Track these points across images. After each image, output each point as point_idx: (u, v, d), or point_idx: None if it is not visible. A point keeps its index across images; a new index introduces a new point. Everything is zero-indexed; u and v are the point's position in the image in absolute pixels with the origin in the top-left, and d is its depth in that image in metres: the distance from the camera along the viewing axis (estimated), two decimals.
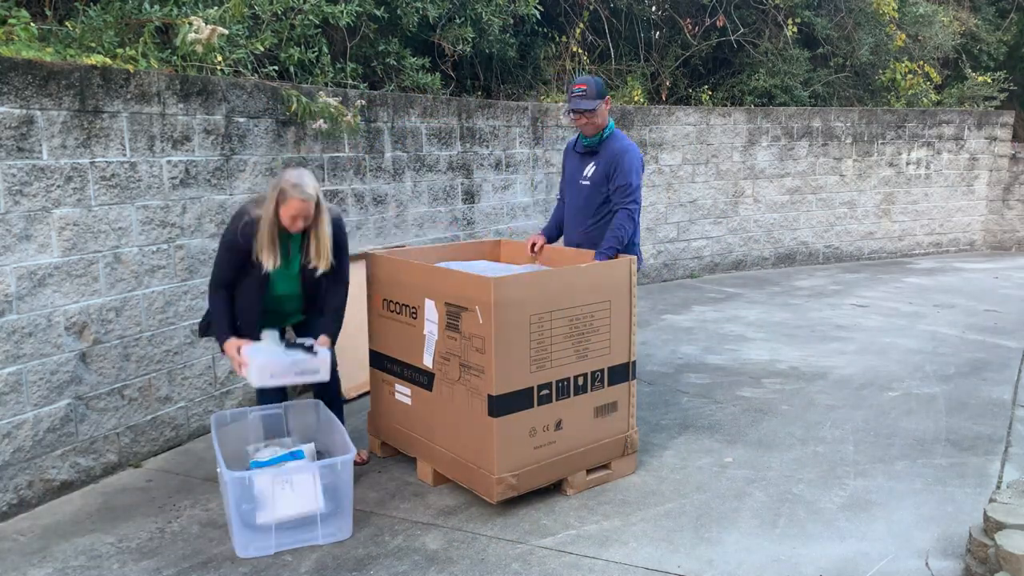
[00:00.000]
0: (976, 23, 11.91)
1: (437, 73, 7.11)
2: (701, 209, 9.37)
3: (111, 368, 4.01)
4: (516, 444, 3.53)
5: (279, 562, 3.22)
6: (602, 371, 3.78)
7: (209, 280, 3.69)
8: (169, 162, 4.24)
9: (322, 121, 5.06)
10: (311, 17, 5.70)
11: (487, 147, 7.06)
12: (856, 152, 10.23)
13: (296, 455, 3.59)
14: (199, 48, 4.40)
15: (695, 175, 9.28)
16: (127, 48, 4.25)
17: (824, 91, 10.65)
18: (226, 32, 4.53)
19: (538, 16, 7.92)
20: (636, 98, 9.12)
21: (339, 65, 6.23)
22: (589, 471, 3.83)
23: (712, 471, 4.01)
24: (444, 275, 3.70)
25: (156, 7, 4.54)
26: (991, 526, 2.95)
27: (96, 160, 3.87)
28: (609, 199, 4.23)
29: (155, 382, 4.26)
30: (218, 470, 3.40)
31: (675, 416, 4.77)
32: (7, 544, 3.37)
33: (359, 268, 4.20)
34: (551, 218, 4.69)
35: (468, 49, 7.30)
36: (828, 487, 3.82)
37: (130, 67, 4.04)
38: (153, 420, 4.27)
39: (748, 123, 9.51)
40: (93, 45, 4.22)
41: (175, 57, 4.45)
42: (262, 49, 5.16)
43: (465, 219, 6.86)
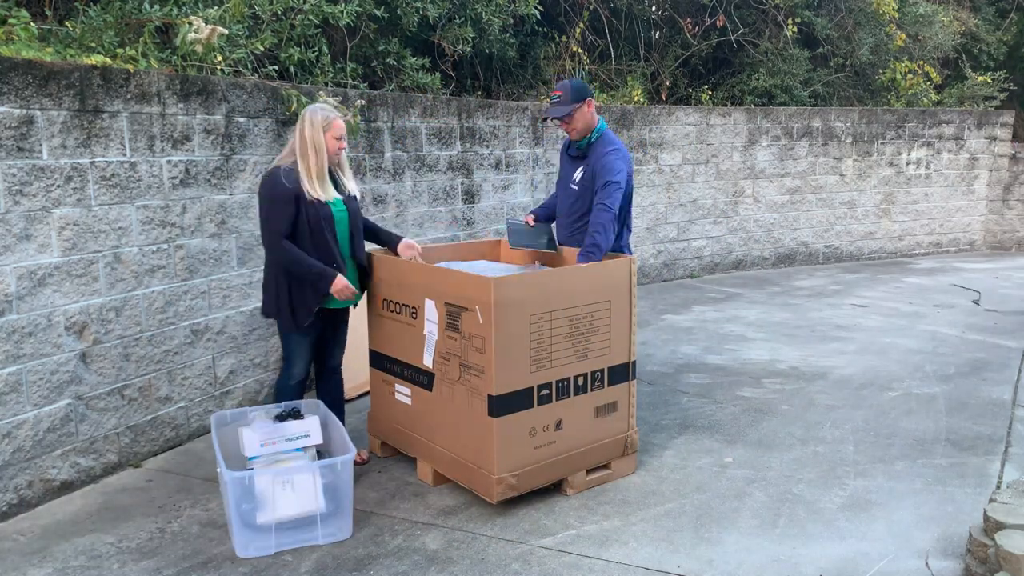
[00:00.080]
0: (976, 23, 11.91)
1: (437, 73, 7.11)
2: (701, 209, 9.37)
3: (111, 368, 4.01)
4: (516, 444, 3.53)
5: (279, 562, 3.22)
6: (602, 371, 3.78)
7: (266, 242, 3.68)
8: (169, 162, 4.24)
9: None
10: (311, 17, 5.70)
11: (487, 147, 7.06)
12: (856, 152, 10.22)
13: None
14: (199, 48, 4.40)
15: (695, 175, 9.27)
16: (127, 48, 4.25)
17: (824, 91, 10.65)
18: (226, 32, 4.53)
19: (538, 16, 7.92)
20: (636, 98, 9.12)
21: (339, 65, 6.23)
22: (589, 471, 3.83)
23: (712, 471, 4.01)
24: (444, 275, 3.70)
25: (156, 7, 4.54)
26: (991, 526, 2.95)
27: (96, 160, 3.87)
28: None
29: (155, 382, 4.26)
30: (218, 470, 3.40)
31: (675, 416, 4.78)
32: (7, 544, 3.37)
33: None
34: (543, 205, 4.66)
35: (468, 49, 7.30)
36: (828, 487, 3.82)
37: (130, 67, 4.04)
38: (153, 420, 4.27)
39: (748, 123, 9.51)
40: (93, 45, 4.22)
41: (175, 57, 4.45)
42: (262, 49, 5.16)
43: (465, 219, 6.86)
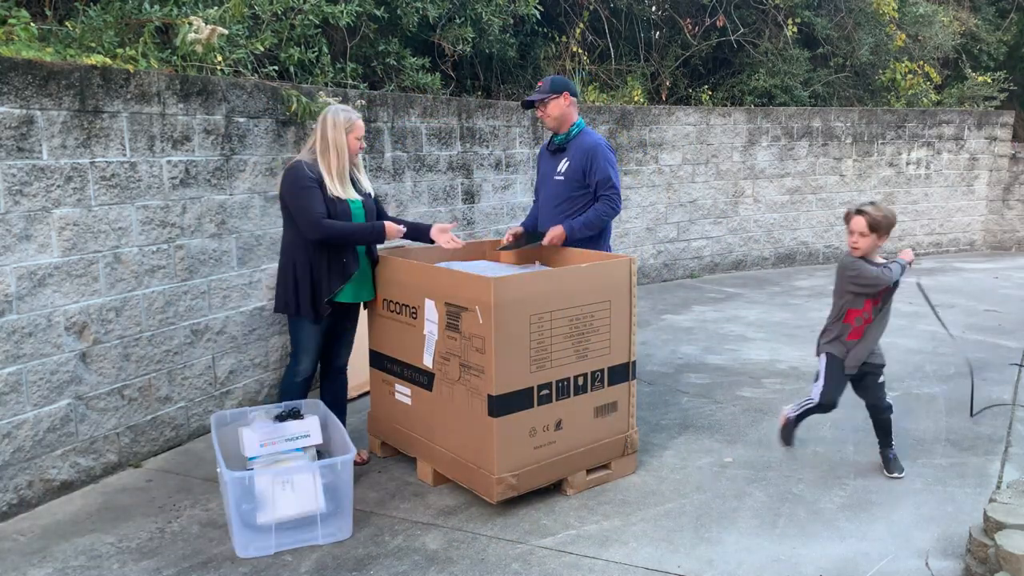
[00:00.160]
0: (976, 23, 11.91)
1: (437, 73, 7.11)
2: (701, 209, 9.37)
3: (111, 368, 4.01)
4: (516, 444, 3.53)
5: (279, 562, 3.22)
6: (602, 371, 3.78)
7: (307, 227, 3.68)
8: (169, 162, 4.24)
9: None
10: (311, 17, 5.70)
11: (487, 147, 7.06)
12: (856, 152, 10.22)
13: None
14: (199, 48, 4.40)
15: (695, 175, 9.27)
16: (127, 48, 4.25)
17: (824, 91, 10.65)
18: (226, 32, 4.53)
19: (538, 16, 7.92)
20: (636, 98, 9.12)
21: (339, 65, 6.23)
22: (589, 471, 3.83)
23: (712, 471, 4.01)
24: (444, 275, 3.70)
25: (156, 7, 4.54)
26: (991, 526, 2.95)
27: (96, 160, 3.87)
28: (584, 193, 4.33)
29: (155, 382, 4.26)
30: (218, 470, 3.40)
31: (675, 416, 4.77)
32: (7, 544, 3.37)
33: None
34: (528, 216, 4.76)
35: (468, 49, 7.30)
36: (828, 487, 3.82)
37: (130, 67, 4.04)
38: (153, 420, 4.27)
39: (748, 123, 9.50)
40: (93, 45, 4.22)
41: (175, 57, 4.46)
42: (262, 49, 5.16)
43: (465, 219, 6.86)
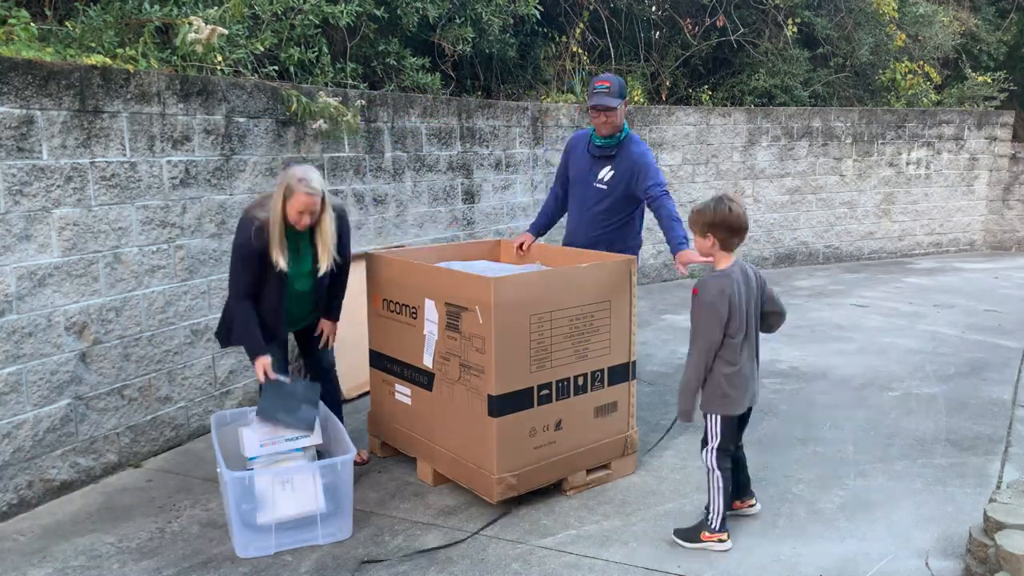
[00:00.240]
0: (976, 23, 11.91)
1: (437, 73, 7.11)
2: None
3: (111, 368, 4.01)
4: (516, 444, 3.53)
5: (279, 562, 3.22)
6: (602, 371, 3.78)
7: (229, 292, 3.65)
8: (169, 162, 4.24)
9: (322, 121, 5.05)
10: (311, 17, 5.70)
11: (487, 147, 7.06)
12: (856, 152, 10.22)
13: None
14: (199, 48, 4.40)
15: (695, 175, 9.27)
16: (127, 48, 4.25)
17: (824, 91, 10.65)
18: (226, 32, 4.53)
19: (538, 16, 7.92)
20: (636, 98, 9.12)
21: (339, 65, 6.22)
22: (589, 471, 3.83)
23: None
24: (444, 275, 3.70)
25: (156, 7, 4.54)
26: (991, 526, 2.95)
27: (96, 160, 3.87)
28: (626, 204, 4.36)
29: (155, 382, 4.26)
30: (218, 470, 3.40)
31: (675, 416, 4.77)
32: (7, 544, 3.37)
33: (359, 268, 4.20)
34: (540, 214, 4.72)
35: (468, 49, 7.30)
36: (828, 487, 3.82)
37: (130, 67, 4.04)
38: (153, 420, 4.27)
39: (748, 123, 9.50)
40: (93, 45, 4.22)
41: (175, 57, 4.46)
42: (262, 49, 5.16)
43: (465, 219, 6.86)
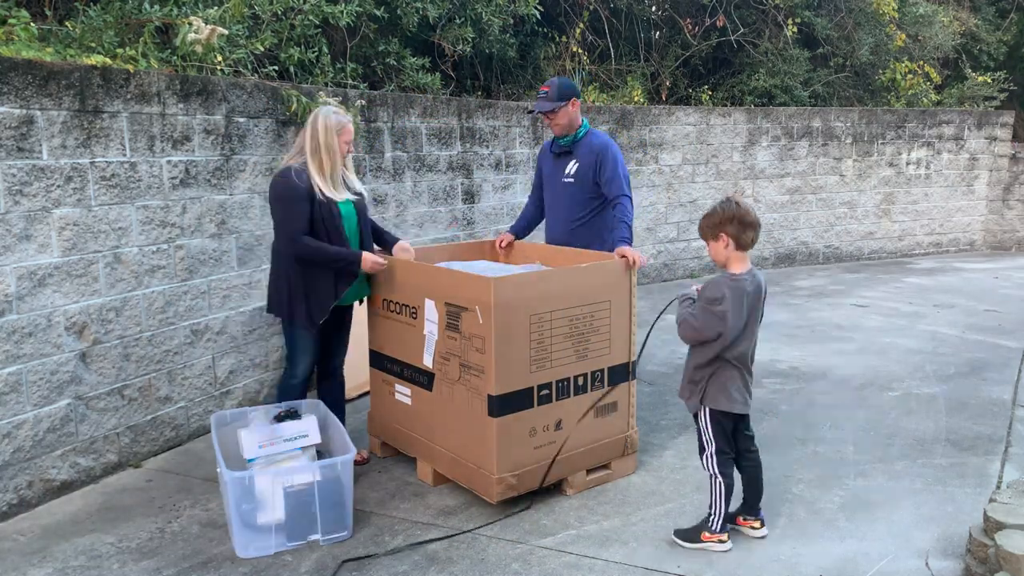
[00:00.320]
0: (976, 23, 11.91)
1: (437, 73, 7.11)
2: (701, 209, 9.36)
3: (111, 368, 4.01)
4: (516, 444, 3.53)
5: (279, 562, 3.22)
6: (602, 371, 3.78)
7: (284, 241, 3.69)
8: (169, 162, 4.24)
9: None
10: (311, 17, 5.70)
11: (487, 147, 7.06)
12: (856, 152, 10.22)
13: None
14: (199, 48, 4.40)
15: (695, 175, 9.27)
16: (127, 48, 4.25)
17: (824, 91, 10.65)
18: (226, 32, 4.53)
19: (538, 16, 7.93)
20: (636, 98, 9.12)
21: (339, 65, 6.23)
22: (589, 471, 3.83)
23: None
24: (444, 275, 3.70)
25: (156, 7, 4.54)
26: (991, 526, 2.95)
27: (96, 160, 3.87)
28: (596, 194, 4.33)
29: (155, 382, 4.26)
30: (218, 470, 3.40)
31: (675, 416, 4.77)
32: (7, 544, 3.37)
33: None
34: (520, 218, 4.77)
35: (468, 49, 7.30)
36: (828, 487, 3.82)
37: (130, 67, 4.04)
38: (153, 420, 4.27)
39: (748, 123, 9.50)
40: (93, 45, 4.22)
41: (175, 57, 4.46)
42: (262, 49, 5.16)
43: (465, 219, 6.86)
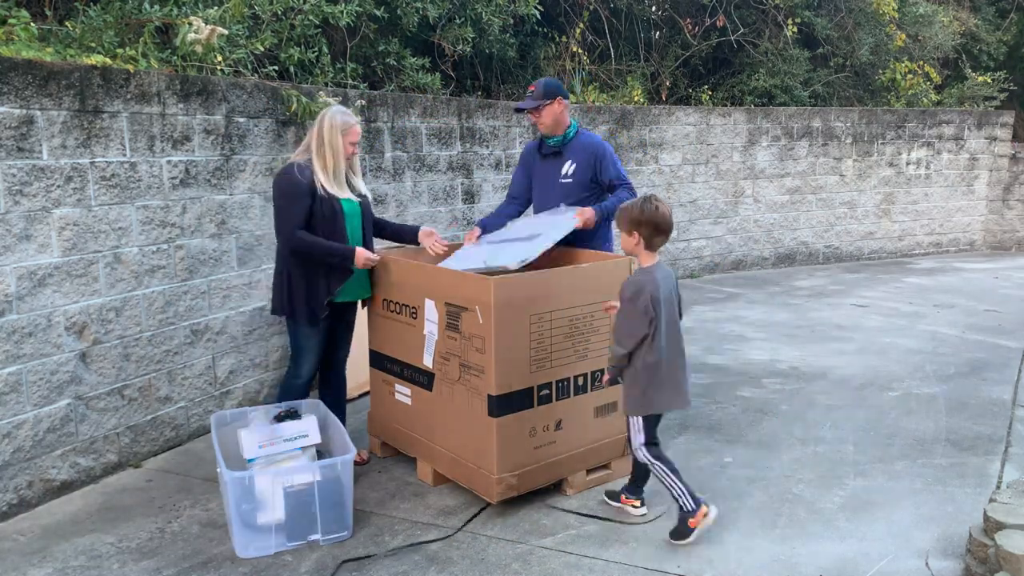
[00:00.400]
0: (976, 23, 11.91)
1: (437, 73, 7.11)
2: (701, 209, 9.37)
3: (111, 368, 4.01)
4: (516, 444, 3.53)
5: (279, 562, 3.22)
6: (602, 371, 3.78)
7: (282, 238, 3.73)
8: (169, 162, 4.24)
9: None
10: (311, 17, 5.70)
11: (487, 147, 7.06)
12: (856, 152, 10.22)
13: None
14: (199, 48, 4.40)
15: (695, 175, 9.27)
16: (127, 48, 4.25)
17: (824, 91, 10.65)
18: (226, 32, 4.53)
19: (538, 16, 7.93)
20: (636, 98, 9.12)
21: (339, 65, 6.23)
22: (589, 471, 3.83)
23: (712, 471, 4.01)
24: (444, 275, 3.70)
25: (156, 7, 4.54)
26: (991, 526, 2.95)
27: (96, 160, 3.87)
28: (592, 192, 4.35)
29: (155, 382, 4.26)
30: (218, 470, 3.40)
31: (675, 416, 4.77)
32: (7, 544, 3.37)
33: None
34: (496, 214, 4.56)
35: (468, 49, 7.30)
36: (828, 487, 3.82)
37: (130, 67, 4.04)
38: (153, 420, 4.27)
39: (748, 123, 9.50)
40: (93, 45, 4.22)
41: (175, 57, 4.46)
42: (262, 49, 5.16)
43: (465, 219, 6.86)
